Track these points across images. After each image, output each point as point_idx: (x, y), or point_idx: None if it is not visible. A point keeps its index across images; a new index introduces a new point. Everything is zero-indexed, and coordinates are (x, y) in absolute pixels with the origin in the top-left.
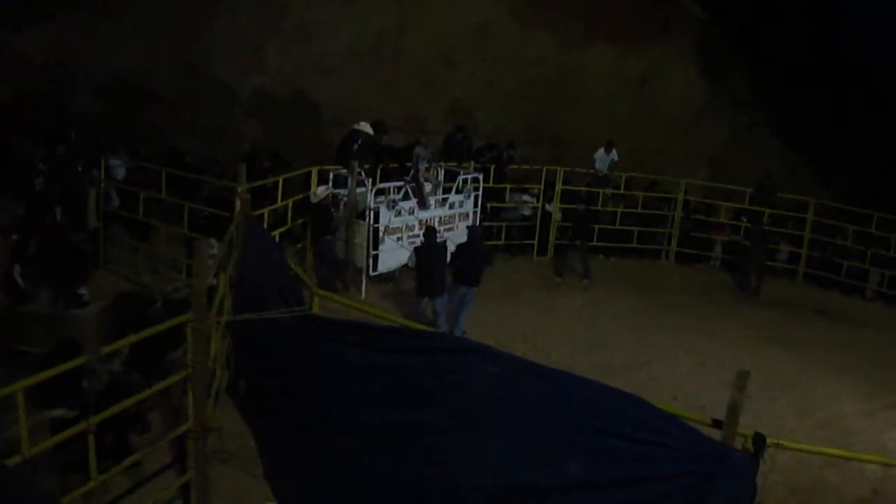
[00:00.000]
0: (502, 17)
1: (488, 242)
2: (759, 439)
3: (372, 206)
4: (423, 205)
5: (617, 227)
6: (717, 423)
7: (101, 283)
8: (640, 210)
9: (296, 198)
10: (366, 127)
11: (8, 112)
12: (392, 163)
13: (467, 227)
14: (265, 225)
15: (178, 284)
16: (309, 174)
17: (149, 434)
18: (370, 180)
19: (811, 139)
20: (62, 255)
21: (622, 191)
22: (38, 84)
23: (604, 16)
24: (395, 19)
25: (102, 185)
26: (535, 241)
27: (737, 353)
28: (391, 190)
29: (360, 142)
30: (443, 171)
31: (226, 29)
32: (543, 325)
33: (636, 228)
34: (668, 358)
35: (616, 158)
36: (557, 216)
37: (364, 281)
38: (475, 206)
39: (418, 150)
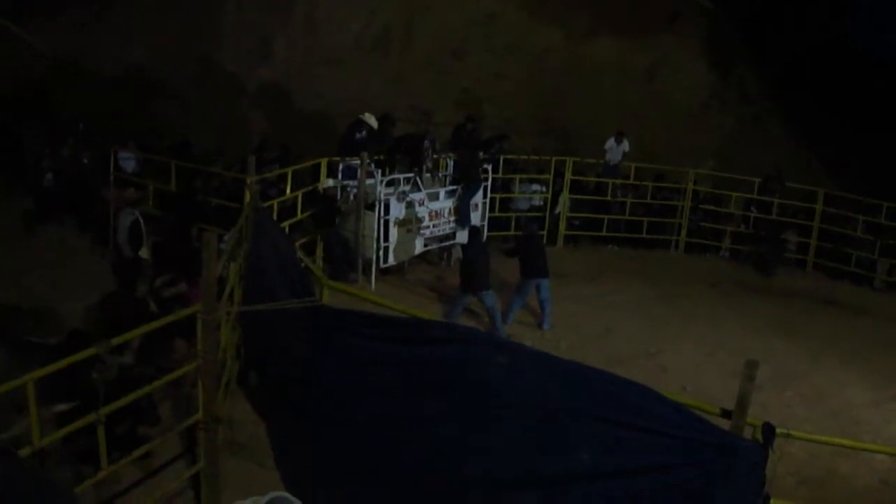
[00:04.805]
0: (510, 9)
1: (497, 233)
2: (769, 429)
3: (382, 197)
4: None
5: (627, 217)
6: (726, 413)
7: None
8: (649, 200)
9: (305, 189)
10: (370, 119)
11: (17, 106)
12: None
13: (524, 224)
14: (274, 216)
15: (164, 278)
16: (317, 166)
17: (159, 425)
18: (380, 171)
19: (819, 130)
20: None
21: (631, 181)
22: (48, 77)
23: (611, 7)
24: (403, 11)
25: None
26: (545, 232)
27: (746, 343)
28: (401, 181)
29: (364, 132)
30: (452, 163)
31: (234, 22)
32: (552, 315)
33: (646, 219)
34: (677, 348)
35: (627, 149)
36: (567, 207)
37: (374, 272)
38: (484, 196)
39: (426, 143)
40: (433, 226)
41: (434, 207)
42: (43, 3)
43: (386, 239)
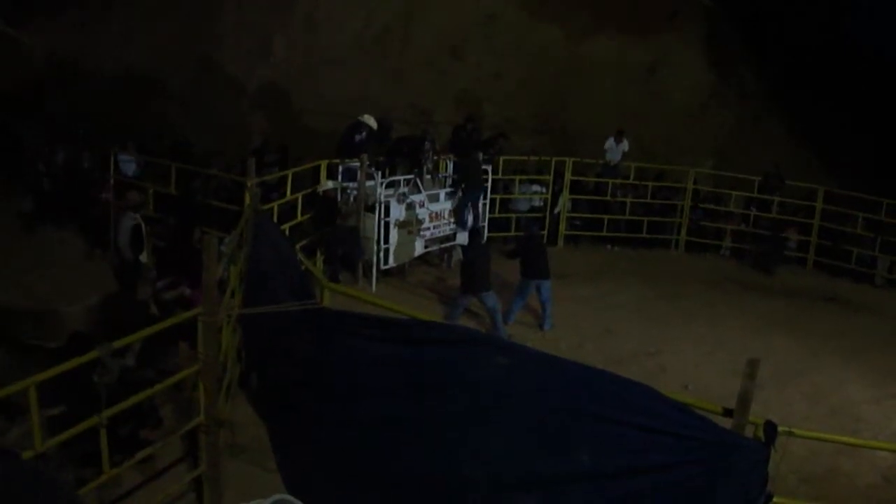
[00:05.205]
0: (509, 8)
1: (498, 234)
2: (771, 427)
3: (382, 199)
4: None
5: (627, 217)
6: (727, 412)
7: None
8: (649, 200)
9: (305, 191)
10: (370, 120)
11: (17, 106)
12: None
13: (524, 225)
14: (274, 219)
15: (166, 281)
16: (317, 167)
17: (161, 428)
18: (380, 173)
19: (819, 129)
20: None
21: (631, 180)
22: (48, 78)
23: (611, 5)
24: (402, 10)
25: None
26: (546, 232)
27: (746, 341)
28: (401, 183)
29: (363, 134)
30: (451, 164)
31: (233, 22)
32: (553, 315)
33: (646, 218)
34: (678, 347)
35: (627, 149)
36: (568, 207)
37: (374, 274)
38: (484, 197)
39: (427, 145)
40: (433, 227)
41: (434, 209)
42: (42, 3)
43: (386, 241)
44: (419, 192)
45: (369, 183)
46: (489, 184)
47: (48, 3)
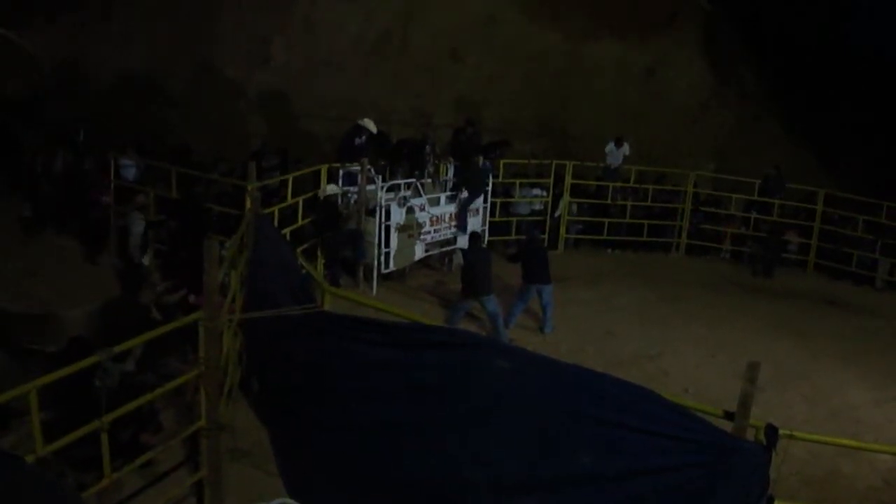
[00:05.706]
0: (509, 10)
1: (498, 238)
2: (772, 430)
3: (382, 203)
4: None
5: (627, 220)
6: (728, 415)
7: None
8: (649, 203)
9: (306, 196)
10: (369, 124)
11: (17, 109)
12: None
13: (525, 229)
14: (275, 223)
15: (167, 285)
16: (318, 172)
17: (162, 432)
18: (380, 177)
19: (819, 130)
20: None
21: (632, 184)
22: (47, 80)
23: (610, 7)
24: (401, 13)
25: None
26: (546, 236)
27: (747, 344)
28: (402, 187)
29: (363, 137)
30: (452, 167)
31: (232, 25)
32: (554, 318)
33: (646, 222)
34: (679, 350)
35: (628, 153)
36: (572, 210)
37: (375, 278)
38: (485, 201)
39: (427, 148)
40: (434, 231)
41: (435, 212)
42: (42, 5)
43: (387, 244)
44: (420, 195)
45: (370, 187)
46: (490, 187)
47: (47, 5)
